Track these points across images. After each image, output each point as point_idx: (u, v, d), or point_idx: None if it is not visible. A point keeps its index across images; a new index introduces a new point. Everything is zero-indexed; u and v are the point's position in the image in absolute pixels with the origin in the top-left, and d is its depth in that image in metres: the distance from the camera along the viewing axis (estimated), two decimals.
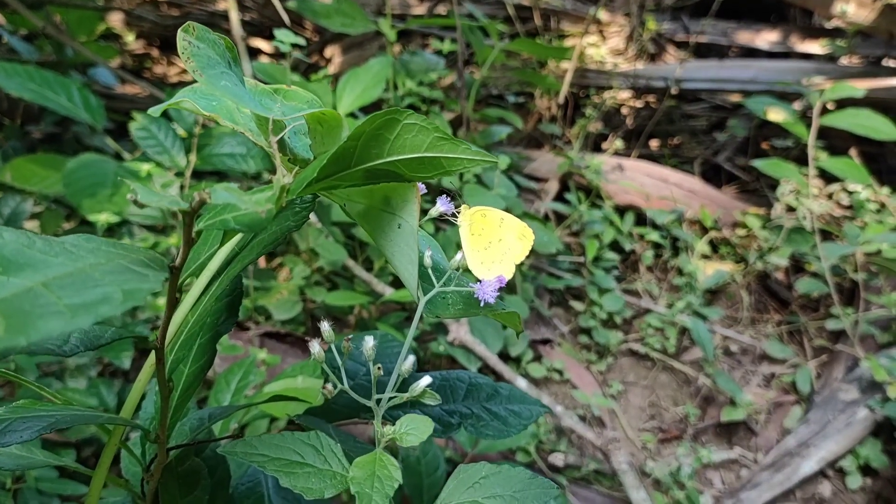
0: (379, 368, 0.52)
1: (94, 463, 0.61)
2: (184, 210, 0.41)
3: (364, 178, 0.54)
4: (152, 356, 0.58)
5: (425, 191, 0.57)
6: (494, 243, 0.59)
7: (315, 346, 0.52)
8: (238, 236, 0.61)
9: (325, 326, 0.53)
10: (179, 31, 0.49)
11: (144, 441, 0.69)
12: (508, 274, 0.57)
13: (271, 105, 0.68)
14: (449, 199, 0.60)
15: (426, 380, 0.53)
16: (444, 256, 0.65)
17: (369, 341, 0.52)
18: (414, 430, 0.53)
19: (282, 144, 0.59)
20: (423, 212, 0.58)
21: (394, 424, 0.56)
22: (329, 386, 0.52)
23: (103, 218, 1.34)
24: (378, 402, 0.53)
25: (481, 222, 0.60)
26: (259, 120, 0.58)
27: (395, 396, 0.53)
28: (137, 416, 0.76)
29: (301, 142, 0.67)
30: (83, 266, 0.40)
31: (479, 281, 0.55)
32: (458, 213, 0.60)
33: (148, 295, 0.37)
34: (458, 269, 0.56)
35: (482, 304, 0.54)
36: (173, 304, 0.51)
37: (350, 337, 0.53)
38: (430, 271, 0.56)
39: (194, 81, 0.57)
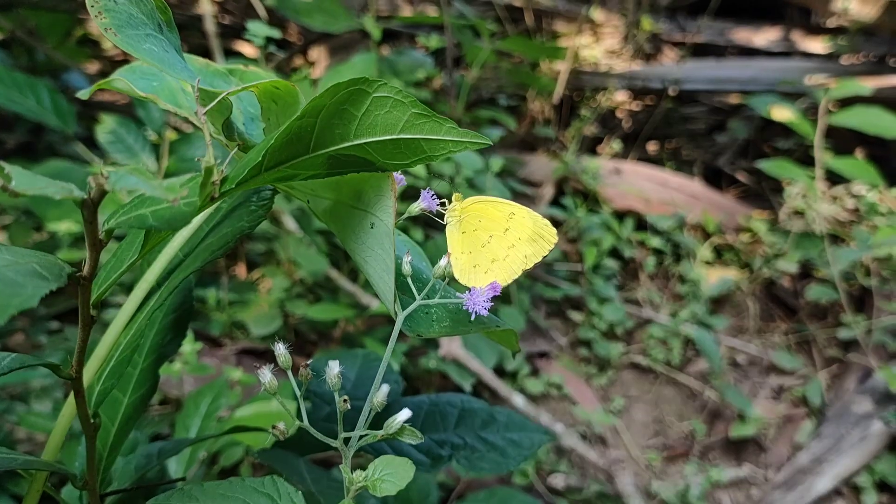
0: (345, 401, 0.42)
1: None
2: (77, 200, 0.31)
3: (327, 167, 0.44)
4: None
5: (403, 182, 0.47)
6: (498, 236, 0.49)
7: (266, 375, 0.42)
8: (180, 239, 0.51)
9: (280, 349, 0.43)
10: None
11: None
12: (505, 279, 0.47)
13: (224, 87, 0.58)
14: (434, 195, 0.50)
15: (404, 414, 0.42)
16: (427, 263, 0.55)
17: (333, 368, 0.42)
18: (390, 476, 0.42)
19: (229, 129, 0.49)
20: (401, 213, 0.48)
21: (374, 456, 0.46)
22: (281, 426, 0.41)
23: (64, 227, 1.24)
24: (347, 441, 0.43)
25: (479, 213, 0.49)
26: (203, 99, 0.48)
27: (365, 435, 0.43)
28: (77, 452, 0.65)
29: (258, 129, 0.58)
30: None
31: (469, 290, 0.45)
32: (447, 205, 0.50)
33: (13, 313, 0.27)
34: (443, 278, 0.46)
35: (472, 317, 0.44)
36: (88, 324, 0.41)
37: (308, 363, 0.43)
38: (409, 280, 0.46)
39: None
